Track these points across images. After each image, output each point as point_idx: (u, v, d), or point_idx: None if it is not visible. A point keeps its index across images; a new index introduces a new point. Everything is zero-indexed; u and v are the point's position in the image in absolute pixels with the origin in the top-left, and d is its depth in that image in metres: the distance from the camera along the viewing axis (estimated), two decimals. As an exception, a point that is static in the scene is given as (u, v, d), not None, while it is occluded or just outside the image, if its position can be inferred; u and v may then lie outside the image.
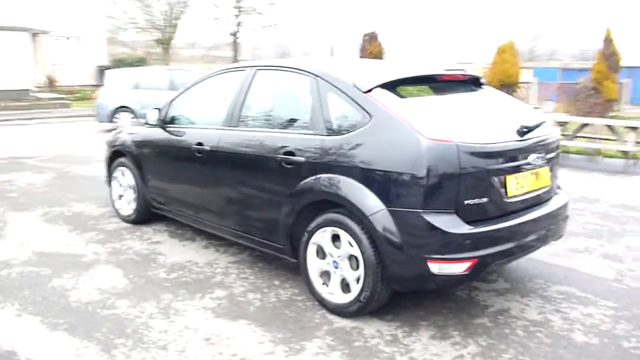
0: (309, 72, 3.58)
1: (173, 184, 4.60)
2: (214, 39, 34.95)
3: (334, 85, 3.39)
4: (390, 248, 2.98)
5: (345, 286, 3.29)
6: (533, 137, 3.31)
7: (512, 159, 3.14)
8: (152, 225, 5.10)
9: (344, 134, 3.22)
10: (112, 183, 5.34)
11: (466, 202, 2.95)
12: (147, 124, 4.72)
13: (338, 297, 3.29)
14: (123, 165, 5.13)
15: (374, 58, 15.08)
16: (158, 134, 4.63)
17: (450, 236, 2.89)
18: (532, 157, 3.24)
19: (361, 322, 3.24)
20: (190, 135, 4.29)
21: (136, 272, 3.99)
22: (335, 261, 3.30)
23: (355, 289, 3.19)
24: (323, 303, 3.38)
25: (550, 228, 3.41)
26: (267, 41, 34.13)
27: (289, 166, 3.45)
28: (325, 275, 3.40)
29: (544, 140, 3.40)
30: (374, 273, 3.07)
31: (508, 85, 16.72)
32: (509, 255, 3.15)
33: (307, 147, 3.36)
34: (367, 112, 3.15)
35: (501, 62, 16.51)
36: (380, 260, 3.05)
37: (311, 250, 3.42)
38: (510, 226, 3.09)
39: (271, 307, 3.45)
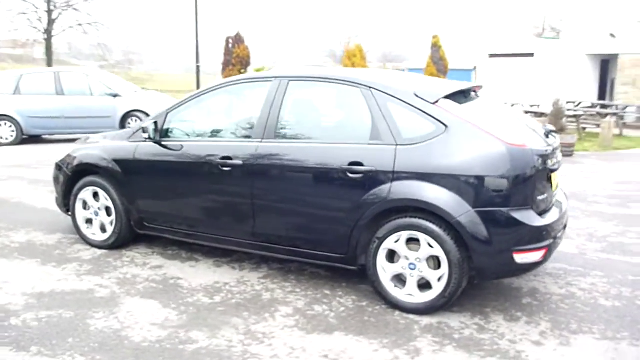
0: (360, 84, 3.69)
1: (182, 201, 4.27)
2: (20, 35, 30.99)
3: (394, 97, 3.56)
4: (480, 245, 3.28)
5: (422, 286, 3.50)
6: (554, 139, 3.88)
7: (551, 158, 3.66)
8: (131, 248, 4.64)
9: (418, 143, 3.42)
10: (76, 206, 4.71)
11: (537, 198, 3.39)
12: (143, 138, 4.29)
13: (418, 297, 3.49)
14: (93, 185, 4.58)
15: (240, 61, 15.05)
16: (154, 148, 4.26)
17: (532, 229, 3.30)
18: (557, 157, 3.81)
19: (441, 317, 3.49)
20: (207, 149, 4.05)
21: (174, 301, 3.67)
22: (412, 263, 3.48)
23: (438, 287, 3.43)
24: (398, 305, 3.54)
25: (566, 219, 4.03)
26: (87, 40, 31.25)
27: (354, 176, 3.53)
28: (396, 278, 3.57)
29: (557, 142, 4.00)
30: (460, 270, 3.34)
31: (360, 87, 17.96)
32: (558, 244, 3.67)
33: (377, 157, 3.48)
34: (441, 122, 3.40)
35: (352, 67, 17.67)
36: (465, 257, 3.34)
37: (381, 256, 3.55)
38: (558, 217, 3.61)
39: (346, 315, 3.51)
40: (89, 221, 4.72)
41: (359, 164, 3.52)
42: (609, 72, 23.40)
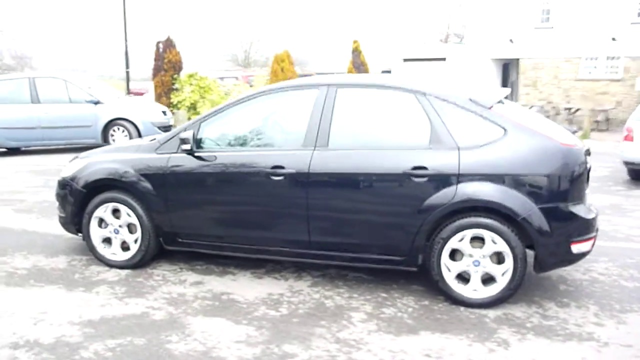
0: (415, 90, 3.81)
1: (226, 214, 4.12)
2: None
3: (450, 102, 3.72)
4: (543, 239, 3.53)
5: (484, 281, 3.69)
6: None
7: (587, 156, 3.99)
8: (154, 266, 4.41)
9: (481, 146, 3.60)
10: (91, 225, 4.37)
11: (586, 192, 3.71)
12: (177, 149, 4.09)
13: (482, 292, 3.67)
14: (113, 201, 4.28)
15: (173, 66, 14.50)
16: (191, 160, 4.08)
17: (585, 221, 3.60)
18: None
19: (502, 309, 3.69)
20: (255, 158, 3.97)
21: (242, 316, 3.56)
22: (476, 260, 3.66)
23: (502, 281, 3.63)
24: (463, 301, 3.70)
25: None
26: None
27: (418, 180, 3.64)
28: (459, 276, 3.73)
29: None
30: (523, 264, 3.57)
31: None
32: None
33: (441, 161, 3.62)
34: (500, 126, 3.61)
35: (281, 71, 17.71)
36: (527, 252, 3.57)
37: (445, 255, 3.69)
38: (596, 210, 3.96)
39: (418, 315, 3.60)
40: (106, 240, 4.41)
41: (423, 168, 3.64)
42: (510, 74, 25.43)
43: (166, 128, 11.21)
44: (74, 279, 4.15)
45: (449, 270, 3.71)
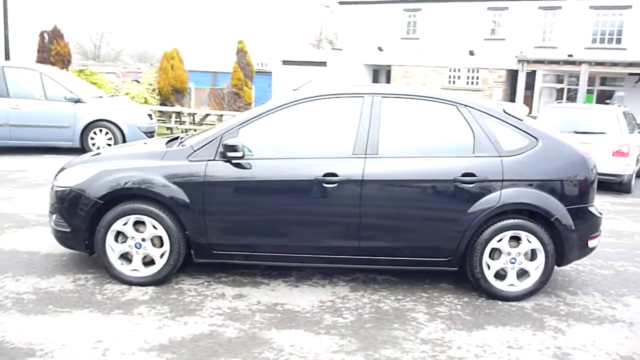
0: (456, 102, 4.09)
1: (272, 222, 3.98)
2: None
3: (489, 114, 4.07)
4: (570, 236, 4.02)
5: (520, 275, 4.08)
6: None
7: None
8: (176, 281, 4.12)
9: (518, 154, 3.99)
10: (107, 240, 3.95)
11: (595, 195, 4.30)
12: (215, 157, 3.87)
13: (519, 286, 4.06)
14: (136, 213, 3.92)
15: (61, 59, 13.07)
16: (231, 168, 3.90)
17: (598, 219, 4.18)
18: None
19: (531, 301, 4.11)
20: (304, 165, 3.92)
21: (316, 326, 3.52)
22: (513, 258, 4.04)
23: (535, 275, 4.05)
24: (502, 296, 4.05)
25: None
26: None
27: (467, 186, 3.92)
28: (498, 274, 4.08)
29: None
30: (553, 259, 4.04)
31: (179, 91, 17.43)
32: None
33: (487, 168, 3.94)
34: (533, 136, 4.04)
35: (171, 68, 17.00)
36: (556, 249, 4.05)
37: (486, 255, 4.02)
38: None
39: (470, 312, 3.87)
40: (124, 256, 4.01)
41: (472, 174, 3.92)
42: (379, 80, 27.12)
43: (151, 133, 10.27)
44: (99, 301, 3.72)
45: (489, 268, 4.04)
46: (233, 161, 3.91)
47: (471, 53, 24.24)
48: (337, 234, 4.00)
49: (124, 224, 3.94)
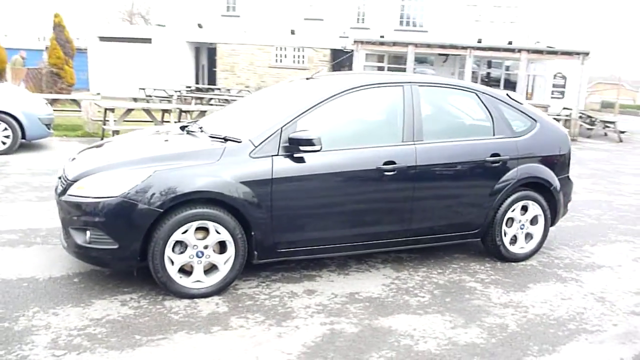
0: (473, 89, 4.53)
1: (336, 214, 3.94)
2: None
3: (499, 99, 4.60)
4: (560, 200, 4.81)
5: (526, 238, 4.76)
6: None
7: None
8: (228, 288, 3.86)
9: (525, 134, 4.61)
10: (166, 252, 3.50)
11: (567, 165, 5.15)
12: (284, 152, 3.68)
13: (526, 248, 4.73)
14: (201, 218, 3.55)
15: None
16: (297, 162, 3.77)
17: (572, 185, 5.06)
18: None
19: (533, 260, 4.85)
20: (365, 155, 3.97)
21: (410, 308, 3.69)
22: (522, 225, 4.69)
23: (536, 238, 4.76)
24: (515, 258, 4.69)
25: None
26: None
27: (495, 165, 4.42)
28: (512, 239, 4.69)
29: None
30: (549, 222, 4.80)
31: (-2, 70, 14.93)
32: None
33: (508, 148, 4.48)
34: (533, 119, 4.70)
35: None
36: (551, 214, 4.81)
37: (504, 224, 4.60)
38: None
39: (504, 275, 4.42)
40: (184, 268, 3.62)
41: (497, 154, 4.43)
42: (200, 58, 26.40)
43: (50, 125, 8.71)
44: (181, 321, 3.32)
45: (505, 235, 4.63)
46: (296, 155, 3.77)
47: (292, 32, 25.02)
48: (393, 219, 4.16)
49: (184, 232, 3.54)
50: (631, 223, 6.38)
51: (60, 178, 3.93)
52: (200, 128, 4.26)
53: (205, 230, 3.60)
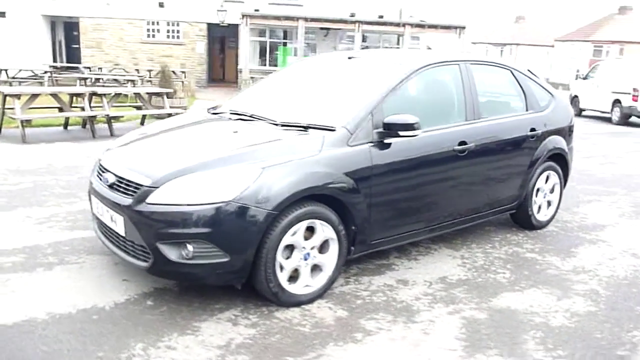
0: (507, 67, 4.67)
1: (422, 199, 3.81)
2: None
3: (526, 76, 4.79)
4: (569, 168, 5.20)
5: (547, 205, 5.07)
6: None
7: None
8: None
9: (547, 109, 4.86)
10: (277, 258, 3.12)
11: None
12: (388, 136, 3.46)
13: (547, 216, 5.04)
14: (310, 217, 3.21)
15: None
16: (393, 147, 3.56)
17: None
18: None
19: (552, 226, 5.20)
20: (444, 137, 3.89)
21: (511, 287, 3.74)
22: (545, 193, 4.97)
23: (555, 203, 5.11)
24: (541, 226, 4.99)
25: None
26: None
27: (532, 139, 4.61)
28: (538, 207, 4.96)
29: None
30: (562, 189, 5.16)
31: None
32: None
33: (539, 122, 4.69)
34: (551, 94, 4.97)
35: None
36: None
37: (534, 195, 4.85)
38: None
39: (549, 242, 4.68)
40: (293, 273, 3.27)
41: (534, 129, 4.62)
42: (57, 33, 23.59)
43: None
44: (322, 333, 2.99)
45: (536, 203, 4.89)
46: (386, 141, 3.56)
47: (161, 5, 23.32)
48: (462, 199, 4.15)
49: (293, 234, 3.18)
50: (586, 184, 7.12)
51: (114, 185, 3.27)
52: (252, 115, 3.83)
53: (310, 229, 3.27)
